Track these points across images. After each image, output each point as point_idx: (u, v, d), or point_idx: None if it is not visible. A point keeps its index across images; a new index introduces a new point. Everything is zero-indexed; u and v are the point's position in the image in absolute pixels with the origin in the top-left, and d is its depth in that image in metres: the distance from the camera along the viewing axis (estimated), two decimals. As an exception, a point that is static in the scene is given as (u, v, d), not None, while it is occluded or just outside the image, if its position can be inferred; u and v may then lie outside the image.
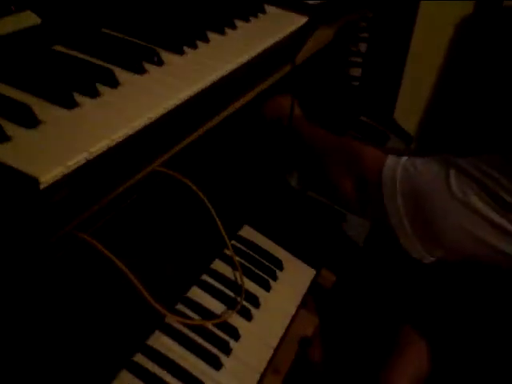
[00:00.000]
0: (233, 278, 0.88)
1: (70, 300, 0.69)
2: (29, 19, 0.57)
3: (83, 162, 0.41)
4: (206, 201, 0.87)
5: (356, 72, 1.54)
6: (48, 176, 0.38)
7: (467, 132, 1.69)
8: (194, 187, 0.87)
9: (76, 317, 0.68)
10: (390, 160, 0.81)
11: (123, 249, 0.75)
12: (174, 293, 0.81)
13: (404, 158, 0.81)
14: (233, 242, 0.93)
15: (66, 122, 0.45)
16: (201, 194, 0.87)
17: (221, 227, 0.87)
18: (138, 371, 0.71)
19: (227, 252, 0.90)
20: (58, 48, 0.56)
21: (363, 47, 1.53)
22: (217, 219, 0.87)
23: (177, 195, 0.86)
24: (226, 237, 0.88)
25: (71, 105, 0.46)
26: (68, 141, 0.42)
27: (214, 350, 0.77)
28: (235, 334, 0.80)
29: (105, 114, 0.47)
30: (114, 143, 0.44)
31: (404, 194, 0.78)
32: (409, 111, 1.64)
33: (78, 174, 0.41)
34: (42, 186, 0.38)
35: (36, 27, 0.56)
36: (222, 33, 0.68)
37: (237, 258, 0.89)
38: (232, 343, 0.79)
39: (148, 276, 0.75)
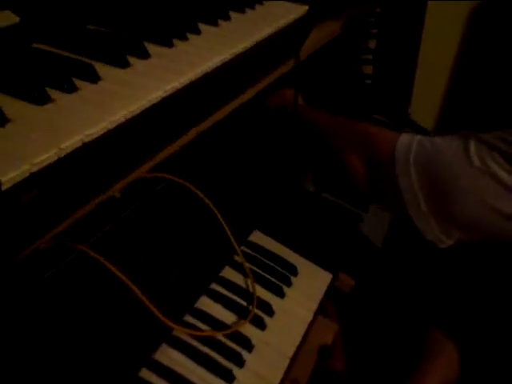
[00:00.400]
0: (244, 285, 0.83)
1: (71, 315, 0.65)
2: (8, 18, 0.54)
3: (54, 159, 0.37)
4: (211, 206, 0.83)
5: (368, 70, 1.50)
6: (11, 175, 0.34)
7: (485, 125, 1.63)
8: (200, 193, 0.83)
9: (78, 332, 0.65)
10: (404, 137, 0.77)
11: (127, 259, 0.72)
12: (182, 304, 0.77)
13: (419, 136, 0.77)
14: (242, 247, 0.89)
15: (37, 119, 0.41)
16: (206, 199, 0.83)
17: (229, 233, 0.84)
18: (144, 388, 0.67)
19: (237, 258, 0.86)
20: (37, 46, 0.53)
21: (372, 44, 1.49)
22: (224, 225, 0.84)
23: (182, 201, 0.83)
24: (234, 243, 0.84)
25: (43, 101, 0.42)
26: (37, 138, 0.39)
27: (226, 363, 0.72)
28: (248, 345, 0.76)
29: (81, 108, 0.43)
30: (90, 139, 0.40)
31: (418, 168, 0.73)
32: (424, 106, 1.59)
33: (49, 174, 0.38)
34: (3, 187, 0.34)
35: (15, 26, 0.53)
36: (215, 24, 0.65)
37: (247, 265, 0.85)
38: (245, 354, 0.75)
39: (154, 287, 0.72)
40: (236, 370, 0.72)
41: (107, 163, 0.45)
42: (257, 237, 0.93)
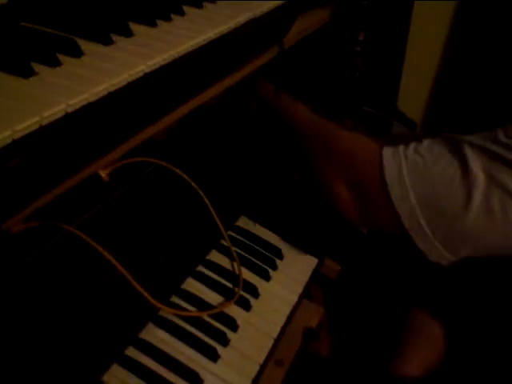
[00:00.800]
0: (230, 268, 0.85)
1: (58, 294, 0.66)
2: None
3: (36, 127, 0.39)
4: (199, 191, 0.85)
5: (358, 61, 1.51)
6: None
7: (472, 115, 1.65)
8: (185, 176, 0.84)
9: (65, 310, 0.66)
10: (388, 154, 0.70)
11: (114, 241, 0.73)
12: (168, 285, 0.78)
13: (402, 148, 0.69)
14: (229, 232, 0.90)
15: (21, 90, 0.42)
16: (193, 184, 0.84)
17: (216, 217, 0.85)
18: (130, 365, 0.68)
19: (224, 243, 0.87)
20: (25, 24, 0.54)
21: (362, 36, 1.49)
22: (211, 209, 0.85)
23: (170, 186, 0.84)
24: (221, 227, 0.85)
25: (27, 74, 0.43)
26: (19, 107, 0.40)
27: (211, 342, 0.74)
28: (233, 325, 0.77)
29: (64, 81, 0.44)
30: (73, 109, 0.41)
31: (417, 191, 0.66)
32: (412, 98, 1.60)
33: (31, 142, 0.39)
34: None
35: (3, 6, 0.54)
36: (200, 7, 0.66)
37: (234, 249, 0.86)
38: (230, 334, 0.76)
39: (140, 268, 0.73)
40: (220, 349, 0.74)
41: (89, 137, 0.46)
42: (243, 222, 0.94)
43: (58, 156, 0.44)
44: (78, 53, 0.48)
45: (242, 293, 0.81)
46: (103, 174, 0.77)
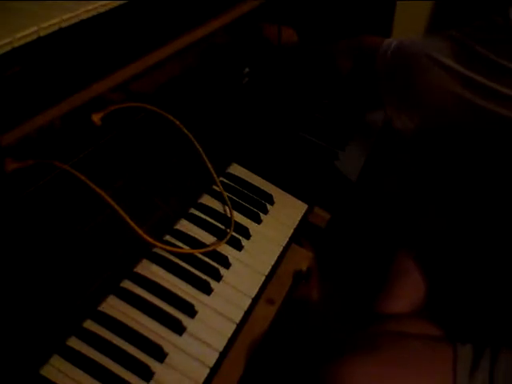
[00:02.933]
0: (222, 211, 0.87)
1: (54, 229, 0.68)
2: None
3: (35, 37, 0.40)
4: (189, 135, 0.86)
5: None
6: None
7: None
8: (177, 122, 0.86)
9: (61, 245, 0.68)
10: (391, 38, 0.89)
11: (108, 182, 0.75)
12: (161, 224, 0.80)
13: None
14: (221, 178, 0.92)
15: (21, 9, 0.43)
16: (184, 129, 0.86)
17: (207, 162, 0.87)
18: (126, 296, 0.70)
19: (215, 188, 0.89)
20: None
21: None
22: (203, 154, 0.87)
23: (164, 132, 0.85)
24: (212, 171, 0.87)
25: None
26: (18, 21, 0.41)
27: (204, 277, 0.76)
28: (225, 263, 0.79)
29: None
30: (67, 24, 0.43)
31: (393, 58, 0.85)
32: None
33: (30, 52, 0.40)
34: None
35: None
36: None
37: (225, 193, 0.88)
38: (222, 271, 0.78)
39: (133, 208, 0.75)
40: (214, 284, 0.76)
41: (85, 52, 0.47)
42: (235, 169, 0.96)
43: (57, 69, 0.45)
44: None
45: (233, 233, 0.83)
46: (96, 118, 0.79)
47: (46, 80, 0.45)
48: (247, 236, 0.85)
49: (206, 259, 0.79)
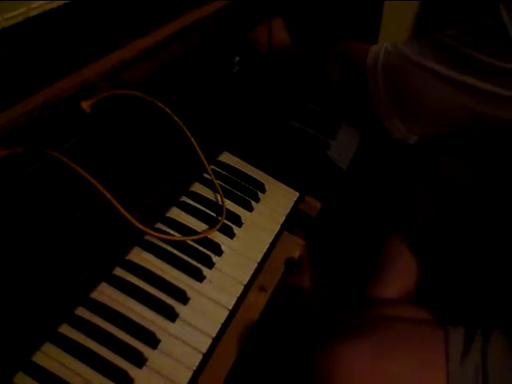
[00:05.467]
0: (213, 199, 0.87)
1: (44, 215, 0.68)
2: None
3: (22, 18, 0.40)
4: (179, 123, 0.86)
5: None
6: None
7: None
8: (168, 110, 0.86)
9: (51, 231, 0.67)
10: (375, 47, 0.86)
11: (98, 169, 0.74)
12: (152, 212, 0.79)
13: (387, 43, 0.85)
14: (212, 166, 0.92)
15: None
16: (175, 117, 0.86)
17: (198, 149, 0.87)
18: (118, 283, 0.70)
19: (206, 176, 0.89)
20: None
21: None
22: (193, 142, 0.86)
23: (154, 120, 0.85)
24: (203, 159, 0.87)
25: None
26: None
27: (196, 264, 0.76)
28: (218, 250, 0.79)
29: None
30: (54, 6, 0.42)
31: (385, 72, 0.83)
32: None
33: (19, 33, 0.40)
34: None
35: None
36: None
37: (217, 181, 0.88)
38: (214, 258, 0.78)
39: (124, 196, 0.75)
40: (206, 271, 0.76)
41: (70, 38, 0.47)
42: (226, 157, 0.96)
43: (42, 53, 0.45)
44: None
45: (225, 221, 0.83)
46: (85, 105, 0.79)
47: (35, 62, 0.44)
48: (239, 224, 0.85)
49: (198, 246, 0.79)
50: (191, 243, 0.78)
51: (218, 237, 0.81)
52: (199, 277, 0.74)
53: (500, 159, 0.92)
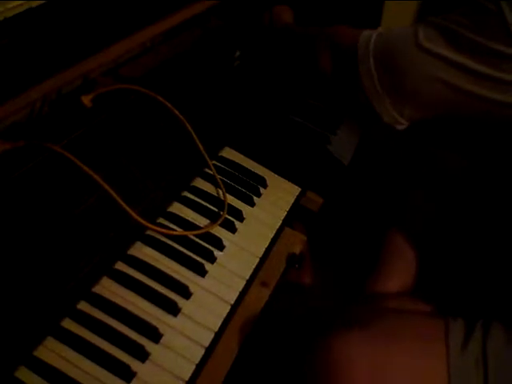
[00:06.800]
0: (215, 194, 0.87)
1: (46, 210, 0.68)
2: None
3: (24, 8, 0.39)
4: (181, 117, 0.86)
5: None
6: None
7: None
8: (169, 104, 0.86)
9: (53, 225, 0.67)
10: (366, 31, 0.86)
11: (99, 163, 0.74)
12: (154, 207, 0.79)
13: (380, 28, 0.86)
14: (214, 162, 0.92)
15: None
16: (176, 111, 0.86)
17: (199, 144, 0.86)
18: (120, 278, 0.70)
19: (208, 171, 0.88)
20: None
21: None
22: (195, 137, 0.86)
23: (157, 115, 0.85)
24: (205, 154, 0.87)
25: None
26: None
27: (199, 259, 0.76)
28: (219, 245, 0.79)
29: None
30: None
31: (376, 54, 0.83)
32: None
33: (20, 24, 0.40)
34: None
35: None
36: None
37: (218, 176, 0.87)
38: (216, 253, 0.78)
39: (125, 190, 0.74)
40: (208, 266, 0.76)
41: (71, 30, 0.46)
42: (228, 152, 0.96)
43: (43, 46, 0.44)
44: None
45: (227, 216, 0.83)
46: (86, 100, 0.79)
47: (36, 54, 0.44)
48: (241, 218, 0.85)
49: (200, 241, 0.78)
50: (193, 238, 0.78)
51: (219, 232, 0.81)
52: (201, 271, 0.74)
53: (499, 155, 0.91)
